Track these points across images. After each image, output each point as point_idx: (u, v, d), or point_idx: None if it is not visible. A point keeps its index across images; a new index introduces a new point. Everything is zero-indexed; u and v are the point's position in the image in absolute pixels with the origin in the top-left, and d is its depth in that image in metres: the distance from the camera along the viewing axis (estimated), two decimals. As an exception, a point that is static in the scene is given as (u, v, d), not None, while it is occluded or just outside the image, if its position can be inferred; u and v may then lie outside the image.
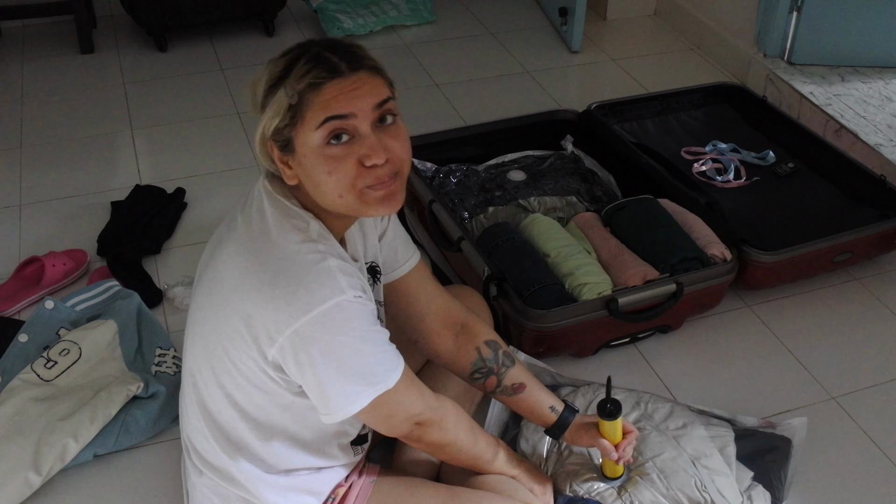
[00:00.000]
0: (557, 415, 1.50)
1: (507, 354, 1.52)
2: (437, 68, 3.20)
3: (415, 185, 2.22)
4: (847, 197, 2.33)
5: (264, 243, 1.20)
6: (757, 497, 1.55)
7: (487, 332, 1.52)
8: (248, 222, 1.24)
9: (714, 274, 1.96)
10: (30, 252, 2.22)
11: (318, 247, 1.20)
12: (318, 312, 1.15)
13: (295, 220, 1.22)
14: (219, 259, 1.25)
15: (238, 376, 1.24)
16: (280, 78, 1.16)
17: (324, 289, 1.16)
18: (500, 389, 1.51)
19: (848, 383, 1.92)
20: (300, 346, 1.16)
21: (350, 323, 1.17)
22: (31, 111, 2.91)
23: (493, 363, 1.50)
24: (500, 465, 1.47)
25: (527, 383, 1.51)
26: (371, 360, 1.21)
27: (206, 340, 1.27)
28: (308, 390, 1.22)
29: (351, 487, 1.40)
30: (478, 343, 1.50)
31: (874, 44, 2.91)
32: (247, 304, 1.18)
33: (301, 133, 1.16)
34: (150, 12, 3.18)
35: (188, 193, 2.47)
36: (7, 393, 1.73)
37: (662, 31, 3.54)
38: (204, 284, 1.28)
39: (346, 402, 1.20)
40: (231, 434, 1.31)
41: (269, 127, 1.17)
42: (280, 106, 1.15)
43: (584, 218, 2.15)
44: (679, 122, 2.66)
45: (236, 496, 1.34)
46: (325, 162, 1.16)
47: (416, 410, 1.28)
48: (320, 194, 1.20)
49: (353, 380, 1.20)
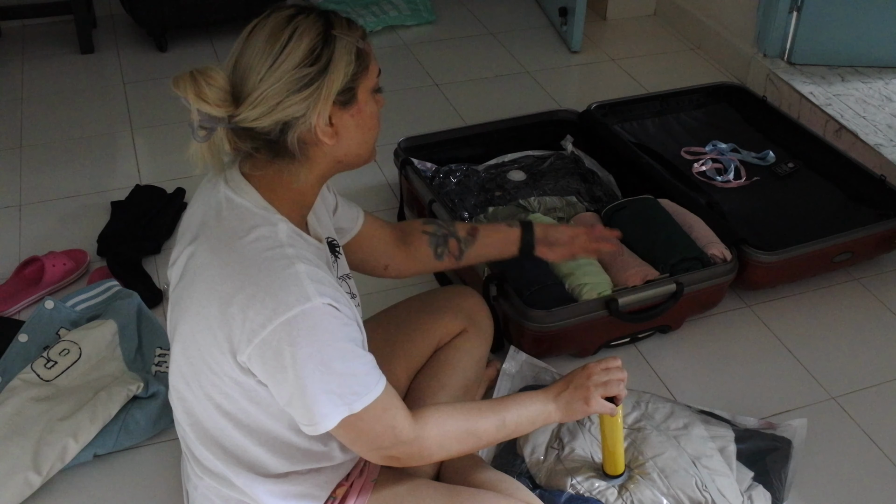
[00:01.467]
0: (517, 228, 1.63)
1: (445, 220, 1.67)
2: (437, 68, 3.20)
3: (415, 185, 2.22)
4: (847, 197, 2.33)
5: (229, 253, 1.18)
6: (757, 497, 1.55)
7: (417, 222, 1.64)
8: (211, 233, 1.21)
9: (714, 274, 1.96)
10: (30, 252, 2.22)
11: (285, 251, 1.17)
12: (283, 320, 1.12)
13: (260, 227, 1.18)
14: (188, 272, 1.22)
15: (225, 388, 1.22)
16: (326, 30, 1.15)
17: (289, 296, 1.13)
18: (463, 244, 1.61)
19: (848, 383, 1.92)
20: (267, 354, 1.14)
21: (315, 333, 1.14)
22: (31, 111, 2.91)
23: (442, 229, 1.61)
24: (522, 430, 1.41)
25: (477, 225, 1.64)
26: (335, 378, 1.16)
27: (188, 356, 1.24)
28: (279, 400, 1.19)
29: (352, 487, 1.40)
30: (420, 228, 1.62)
31: (874, 44, 2.91)
32: (218, 314, 1.16)
33: (365, 80, 1.19)
34: (150, 12, 3.18)
35: (188, 193, 2.47)
36: (7, 393, 1.73)
37: (662, 31, 3.54)
38: (176, 298, 1.26)
39: (318, 417, 1.17)
40: (226, 445, 1.29)
41: (346, 75, 1.16)
42: (350, 54, 1.16)
43: (584, 218, 2.15)
44: (679, 122, 2.66)
45: (236, 500, 1.34)
46: (376, 107, 1.23)
47: (384, 444, 1.23)
48: (364, 143, 1.23)
49: (321, 396, 1.15)
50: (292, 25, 1.14)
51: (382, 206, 2.43)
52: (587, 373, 1.42)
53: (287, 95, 1.13)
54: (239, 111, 1.14)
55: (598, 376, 1.41)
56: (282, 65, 1.12)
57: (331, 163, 1.23)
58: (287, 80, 1.12)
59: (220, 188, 1.23)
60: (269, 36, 1.13)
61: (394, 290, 2.04)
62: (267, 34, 1.14)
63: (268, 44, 1.13)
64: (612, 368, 1.43)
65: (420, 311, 1.69)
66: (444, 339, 1.69)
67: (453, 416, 1.32)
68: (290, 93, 1.13)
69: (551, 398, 1.41)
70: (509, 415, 1.36)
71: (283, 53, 1.12)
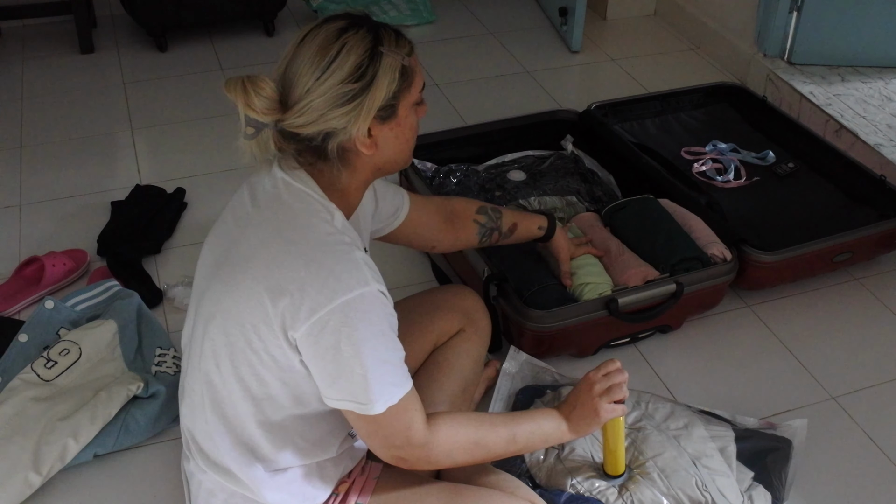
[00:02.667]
0: (544, 231, 1.86)
1: (495, 209, 1.77)
2: (437, 68, 3.20)
3: (415, 185, 2.22)
4: (847, 197, 2.33)
5: (292, 232, 1.22)
6: (758, 497, 1.55)
7: (469, 204, 1.76)
8: (271, 215, 1.25)
9: (714, 274, 1.96)
10: (30, 252, 2.22)
11: (344, 238, 1.23)
12: (343, 300, 1.17)
13: (321, 212, 1.24)
14: (241, 251, 1.25)
15: (259, 368, 1.24)
16: (373, 47, 1.19)
17: (351, 279, 1.19)
18: (503, 238, 1.80)
19: (848, 383, 1.92)
20: (323, 332, 1.17)
21: (369, 315, 1.19)
22: (31, 111, 2.91)
23: (491, 223, 1.76)
24: (533, 447, 1.46)
25: (517, 221, 1.81)
26: (384, 366, 1.21)
27: (228, 333, 1.25)
28: (316, 376, 1.22)
29: (353, 484, 1.40)
30: (472, 217, 1.74)
31: (874, 44, 2.91)
32: (277, 289, 1.19)
33: (408, 96, 1.24)
34: (150, 12, 3.18)
35: (188, 193, 2.47)
36: (7, 393, 1.73)
37: (662, 31, 3.54)
38: (221, 280, 1.27)
39: (374, 395, 1.20)
40: (242, 434, 1.30)
41: (389, 92, 1.20)
42: (394, 71, 1.20)
43: (584, 218, 2.15)
44: (679, 122, 2.66)
45: (240, 495, 1.34)
46: (416, 119, 1.28)
47: (396, 443, 1.26)
48: (402, 152, 1.29)
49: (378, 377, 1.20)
50: (342, 40, 1.18)
51: (382, 206, 2.43)
52: (589, 384, 1.44)
53: (330, 108, 1.18)
54: (285, 117, 1.19)
55: (601, 384, 1.43)
56: (328, 79, 1.17)
57: (371, 169, 1.29)
58: (332, 94, 1.18)
59: (275, 172, 1.28)
60: (318, 48, 1.18)
61: (393, 290, 2.03)
62: (317, 46, 1.18)
63: (317, 56, 1.18)
64: (613, 372, 1.45)
65: (418, 311, 1.69)
66: (441, 338, 1.69)
67: (465, 427, 1.34)
68: (334, 106, 1.18)
69: (563, 418, 1.43)
70: (520, 431, 1.38)
71: (330, 68, 1.17)
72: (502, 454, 1.38)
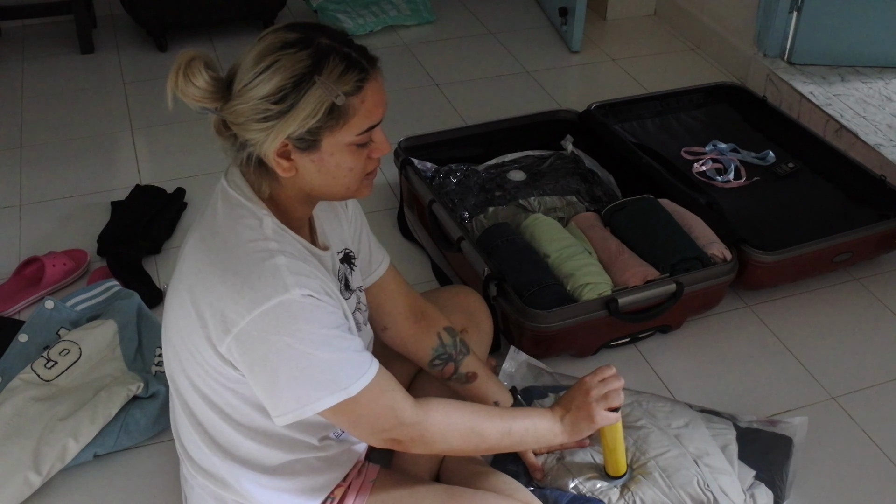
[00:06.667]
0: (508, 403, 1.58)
1: (463, 342, 1.57)
2: (437, 68, 3.20)
3: (415, 185, 2.22)
4: (847, 197, 2.32)
5: (214, 241, 1.20)
6: (760, 496, 1.55)
7: (444, 319, 1.57)
8: (204, 223, 1.24)
9: (714, 274, 1.96)
10: (30, 252, 2.22)
11: (268, 245, 1.18)
12: (260, 311, 1.14)
13: (247, 218, 1.20)
14: (180, 261, 1.25)
15: (208, 378, 1.23)
16: (307, 73, 1.11)
17: (266, 287, 1.14)
18: (455, 377, 1.55)
19: (848, 383, 1.91)
20: (247, 345, 1.15)
21: (295, 323, 1.14)
22: (31, 111, 2.91)
23: (452, 349, 1.55)
24: (526, 445, 1.46)
25: (479, 373, 1.56)
26: (324, 365, 1.17)
27: (174, 345, 1.26)
28: (256, 390, 1.20)
29: (350, 487, 1.40)
30: (438, 329, 1.55)
31: (874, 44, 2.91)
32: (201, 303, 1.18)
33: (337, 134, 1.15)
34: (150, 12, 3.18)
35: (188, 193, 2.47)
36: (7, 393, 1.73)
37: (662, 31, 3.54)
38: (170, 289, 1.28)
39: (296, 405, 1.17)
40: (217, 437, 1.29)
41: (303, 126, 1.12)
42: (319, 106, 1.11)
43: (584, 218, 2.15)
44: (679, 122, 2.66)
45: (231, 500, 1.34)
46: (352, 159, 1.18)
47: (386, 425, 1.24)
48: (329, 186, 1.20)
49: (302, 383, 1.16)
50: (277, 55, 1.12)
51: (382, 206, 2.43)
52: (585, 390, 1.44)
53: (248, 119, 1.14)
54: (226, 108, 1.16)
55: (597, 390, 1.44)
56: (253, 90, 1.13)
57: (296, 189, 1.22)
58: (252, 105, 1.13)
59: (221, 180, 1.26)
60: (257, 55, 1.14)
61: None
62: (257, 52, 1.14)
63: (253, 63, 1.14)
64: (609, 378, 1.45)
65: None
66: None
67: (460, 410, 1.33)
68: (253, 119, 1.14)
69: (557, 420, 1.43)
70: (517, 425, 1.38)
71: (257, 79, 1.12)
72: (496, 446, 1.38)
